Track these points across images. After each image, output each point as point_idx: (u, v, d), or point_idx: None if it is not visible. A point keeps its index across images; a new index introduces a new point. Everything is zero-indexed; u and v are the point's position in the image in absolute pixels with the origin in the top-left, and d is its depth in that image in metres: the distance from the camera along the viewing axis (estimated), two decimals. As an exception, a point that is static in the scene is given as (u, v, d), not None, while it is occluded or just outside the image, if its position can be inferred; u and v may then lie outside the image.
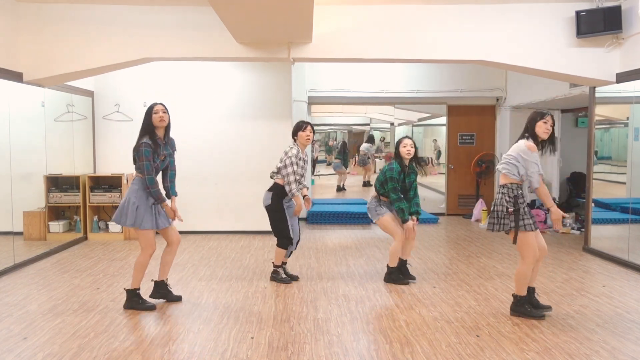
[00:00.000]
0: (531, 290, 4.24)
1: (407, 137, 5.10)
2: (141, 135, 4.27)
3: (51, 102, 6.66)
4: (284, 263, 5.30)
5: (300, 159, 4.98)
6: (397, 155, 5.06)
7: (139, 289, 4.38)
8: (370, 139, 16.53)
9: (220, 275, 5.47)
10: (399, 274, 5.16)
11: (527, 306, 4.18)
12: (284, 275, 5.23)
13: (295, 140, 5.06)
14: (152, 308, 4.34)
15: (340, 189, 14.58)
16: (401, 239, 5.06)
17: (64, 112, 7.01)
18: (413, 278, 5.22)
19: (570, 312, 4.28)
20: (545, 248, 4.18)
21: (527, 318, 4.14)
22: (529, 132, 4.12)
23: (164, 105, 4.32)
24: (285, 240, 5.09)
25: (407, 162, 5.06)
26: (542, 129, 4.06)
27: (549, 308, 4.27)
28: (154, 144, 4.24)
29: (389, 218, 5.09)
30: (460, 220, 9.30)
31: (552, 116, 4.12)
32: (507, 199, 4.06)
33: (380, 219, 5.12)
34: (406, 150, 4.99)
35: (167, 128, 4.35)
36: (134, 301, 4.35)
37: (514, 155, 4.08)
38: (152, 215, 4.25)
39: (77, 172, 7.24)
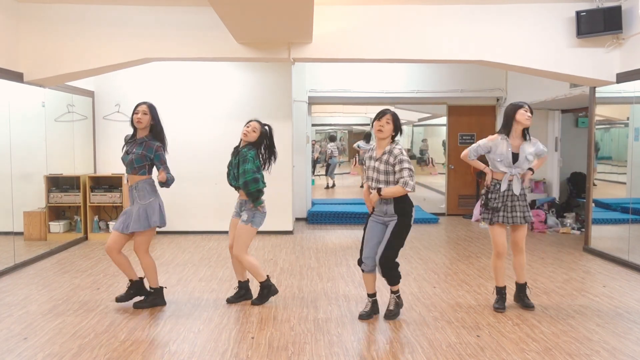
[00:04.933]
0: (517, 287, 4.42)
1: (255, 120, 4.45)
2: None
3: (51, 102, 6.66)
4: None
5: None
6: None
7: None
8: (367, 137, 16.37)
9: (221, 275, 5.47)
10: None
11: (496, 297, 4.36)
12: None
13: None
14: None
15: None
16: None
17: (65, 112, 7.01)
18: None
19: (570, 312, 4.28)
20: (506, 246, 4.26)
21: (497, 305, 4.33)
22: (505, 125, 4.25)
23: (147, 105, 4.22)
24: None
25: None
26: (524, 117, 4.15)
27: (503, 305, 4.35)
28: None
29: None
30: (460, 220, 9.30)
31: (527, 106, 4.20)
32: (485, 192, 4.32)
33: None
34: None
35: (153, 129, 4.25)
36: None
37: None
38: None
39: (77, 172, 7.24)
